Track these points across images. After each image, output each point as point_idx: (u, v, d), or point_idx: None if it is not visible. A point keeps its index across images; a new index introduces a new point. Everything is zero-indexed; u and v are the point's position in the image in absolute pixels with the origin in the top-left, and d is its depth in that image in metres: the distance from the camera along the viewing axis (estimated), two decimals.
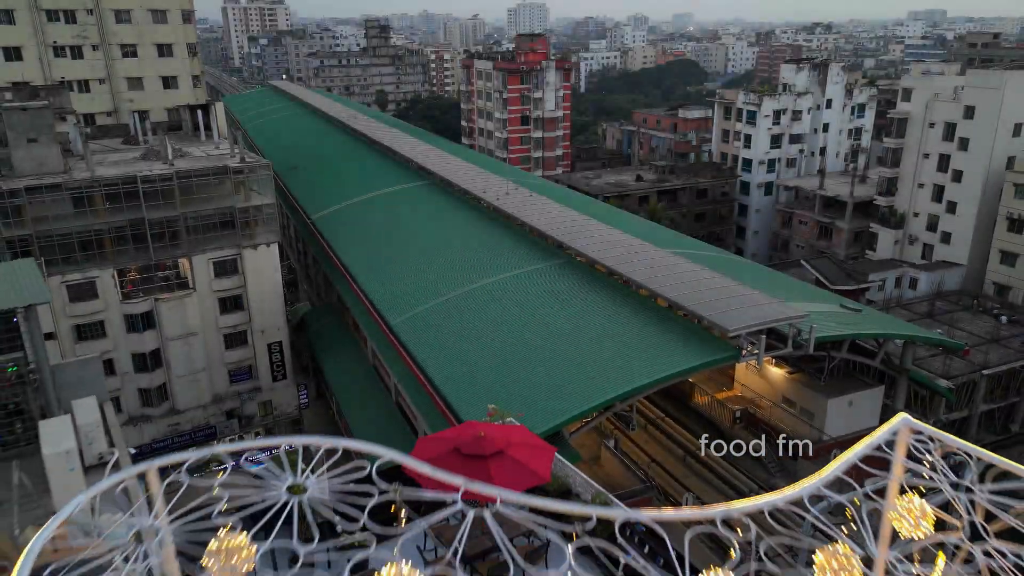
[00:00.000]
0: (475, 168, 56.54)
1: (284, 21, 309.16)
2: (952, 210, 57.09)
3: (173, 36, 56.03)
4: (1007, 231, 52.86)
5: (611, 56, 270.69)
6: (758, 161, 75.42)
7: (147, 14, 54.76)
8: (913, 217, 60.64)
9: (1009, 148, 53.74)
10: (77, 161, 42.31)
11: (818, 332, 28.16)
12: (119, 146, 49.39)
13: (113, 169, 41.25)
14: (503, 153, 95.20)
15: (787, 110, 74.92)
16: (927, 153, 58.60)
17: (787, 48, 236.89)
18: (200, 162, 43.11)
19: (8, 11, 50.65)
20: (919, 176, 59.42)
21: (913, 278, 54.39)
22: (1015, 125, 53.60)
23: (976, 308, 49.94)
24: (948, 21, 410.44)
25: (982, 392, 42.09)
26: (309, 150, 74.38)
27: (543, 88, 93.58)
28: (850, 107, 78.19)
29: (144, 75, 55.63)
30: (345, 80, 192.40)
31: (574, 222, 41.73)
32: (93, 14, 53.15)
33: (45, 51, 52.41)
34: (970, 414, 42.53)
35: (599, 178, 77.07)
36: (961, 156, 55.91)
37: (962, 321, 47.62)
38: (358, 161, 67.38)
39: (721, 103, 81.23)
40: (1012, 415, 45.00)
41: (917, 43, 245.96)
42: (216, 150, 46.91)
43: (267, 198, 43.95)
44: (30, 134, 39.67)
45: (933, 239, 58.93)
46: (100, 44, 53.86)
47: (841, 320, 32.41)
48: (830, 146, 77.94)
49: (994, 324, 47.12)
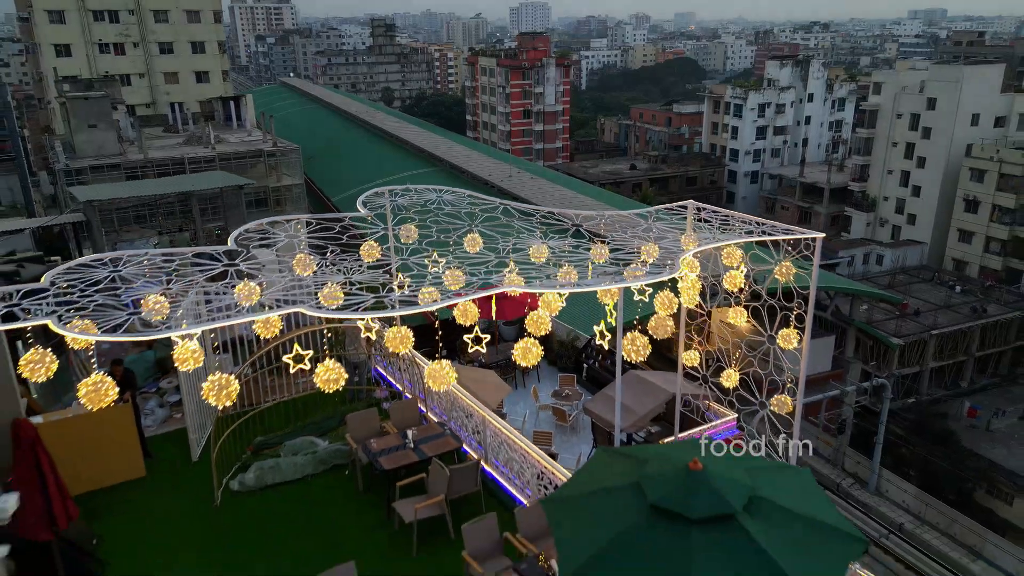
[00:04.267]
0: (481, 155, 61.91)
1: (290, 20, 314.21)
2: (917, 194, 62.37)
3: (205, 35, 61.46)
4: (964, 212, 58.14)
5: (612, 54, 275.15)
6: (744, 151, 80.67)
7: (182, 15, 60.18)
8: (883, 201, 65.92)
9: (967, 136, 58.96)
10: (128, 145, 47.71)
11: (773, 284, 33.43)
12: (161, 134, 54.84)
13: (162, 152, 46.67)
14: (506, 145, 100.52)
15: (771, 104, 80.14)
16: (895, 142, 63.86)
17: (785, 47, 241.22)
18: (237, 146, 48.54)
19: (60, 12, 56.13)
20: (888, 163, 64.69)
21: (879, 255, 59.61)
22: (972, 115, 58.83)
23: (935, 281, 55.23)
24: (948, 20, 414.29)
25: (932, 350, 47.35)
26: (324, 141, 79.74)
27: (544, 84, 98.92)
28: (831, 101, 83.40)
29: (180, 70, 61.05)
30: (352, 78, 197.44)
31: (571, 199, 47.08)
32: (134, 14, 58.60)
33: (91, 48, 57.87)
34: (921, 370, 47.77)
35: (596, 167, 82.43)
36: (925, 144, 61.17)
37: (919, 291, 52.88)
38: (371, 150, 72.76)
39: (710, 97, 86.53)
40: (961, 372, 50.25)
41: (911, 41, 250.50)
42: (249, 137, 52.32)
43: (296, 179, 49.35)
44: (91, 120, 45.09)
45: (900, 221, 64.21)
46: (140, 42, 59.29)
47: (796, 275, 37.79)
48: (812, 137, 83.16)
49: (948, 293, 52.43)
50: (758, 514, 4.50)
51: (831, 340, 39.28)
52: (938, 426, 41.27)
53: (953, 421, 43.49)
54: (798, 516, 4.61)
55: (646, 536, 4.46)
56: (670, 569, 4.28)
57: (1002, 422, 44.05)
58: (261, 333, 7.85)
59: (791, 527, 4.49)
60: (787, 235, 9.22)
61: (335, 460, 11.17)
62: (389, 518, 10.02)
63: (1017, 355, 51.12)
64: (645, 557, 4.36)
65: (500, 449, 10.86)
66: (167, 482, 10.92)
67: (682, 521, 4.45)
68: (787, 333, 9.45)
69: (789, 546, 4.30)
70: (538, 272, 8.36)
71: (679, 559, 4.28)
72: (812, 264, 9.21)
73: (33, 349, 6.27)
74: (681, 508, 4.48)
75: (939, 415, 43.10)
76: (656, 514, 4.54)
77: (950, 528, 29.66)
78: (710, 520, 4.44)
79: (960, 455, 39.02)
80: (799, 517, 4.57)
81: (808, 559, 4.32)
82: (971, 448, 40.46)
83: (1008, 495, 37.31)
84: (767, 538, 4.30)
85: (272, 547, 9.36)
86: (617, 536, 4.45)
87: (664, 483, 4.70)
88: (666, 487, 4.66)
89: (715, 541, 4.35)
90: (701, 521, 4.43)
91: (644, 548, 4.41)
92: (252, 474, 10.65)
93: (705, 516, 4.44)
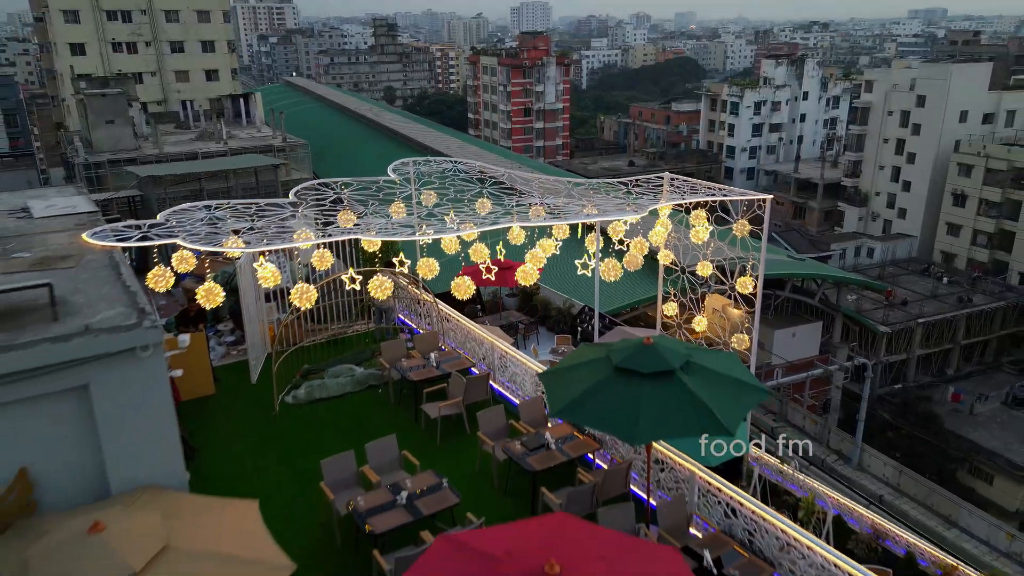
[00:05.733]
0: (482, 152, 63.67)
1: (292, 20, 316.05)
2: (907, 188, 64.11)
3: (215, 34, 63.26)
4: (952, 206, 59.88)
5: (612, 54, 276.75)
6: (740, 148, 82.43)
7: (193, 15, 61.99)
8: (875, 196, 67.66)
9: (956, 132, 60.70)
10: (143, 140, 49.48)
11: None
12: (172, 130, 56.61)
13: (176, 147, 48.43)
14: (507, 142, 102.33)
15: (767, 102, 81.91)
16: (886, 138, 65.60)
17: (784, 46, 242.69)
18: (248, 142, 50.28)
19: (75, 12, 57.95)
20: (880, 159, 66.43)
21: (870, 248, 61.36)
22: (960, 112, 60.56)
23: (924, 272, 56.98)
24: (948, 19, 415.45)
25: (918, 338, 49.08)
26: (330, 138, 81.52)
27: (544, 82, 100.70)
28: (825, 99, 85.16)
29: (190, 68, 62.85)
30: (354, 77, 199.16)
31: None
32: (147, 14, 60.40)
33: (105, 47, 59.68)
34: (908, 357, 49.51)
35: (595, 164, 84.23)
36: (914, 140, 62.91)
37: (908, 282, 54.63)
38: (375, 147, 74.54)
39: (708, 95, 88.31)
40: (947, 360, 51.99)
41: (910, 41, 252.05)
42: (259, 133, 54.09)
43: (305, 173, 51.04)
44: (108, 116, 46.87)
45: (892, 215, 65.95)
46: (152, 41, 61.10)
47: (786, 264, 39.51)
48: (807, 134, 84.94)
49: (935, 284, 54.15)
50: (690, 372, 6.31)
51: (819, 326, 41.01)
52: (922, 408, 43.00)
53: (937, 405, 45.19)
54: (720, 375, 6.39)
55: (611, 386, 6.27)
56: (626, 406, 6.06)
57: (985, 407, 45.74)
58: (318, 266, 9.73)
59: (713, 381, 6.28)
60: (741, 196, 10.93)
61: (370, 382, 13.58)
62: (416, 421, 12.25)
63: (1002, 343, 52.88)
64: (609, 399, 6.14)
65: (505, 368, 13.16)
66: (233, 398, 13.18)
67: (637, 376, 6.24)
68: (744, 280, 11.17)
69: (710, 391, 6.08)
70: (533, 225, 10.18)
71: (632, 400, 6.07)
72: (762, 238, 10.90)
73: (157, 266, 8.25)
74: (636, 366, 6.28)
75: (923, 398, 44.84)
76: (618, 372, 6.35)
77: (928, 499, 31.38)
78: (656, 375, 6.21)
79: (943, 436, 40.74)
80: (720, 375, 6.37)
81: (723, 400, 6.08)
82: (954, 431, 42.18)
83: (988, 475, 39.05)
84: (695, 386, 6.10)
85: (320, 444, 11.47)
86: (590, 387, 6.26)
87: (625, 352, 6.52)
88: (626, 354, 6.48)
89: (659, 387, 6.15)
90: (650, 375, 6.21)
91: (609, 393, 6.21)
92: (303, 391, 13.03)
93: (653, 371, 6.21)
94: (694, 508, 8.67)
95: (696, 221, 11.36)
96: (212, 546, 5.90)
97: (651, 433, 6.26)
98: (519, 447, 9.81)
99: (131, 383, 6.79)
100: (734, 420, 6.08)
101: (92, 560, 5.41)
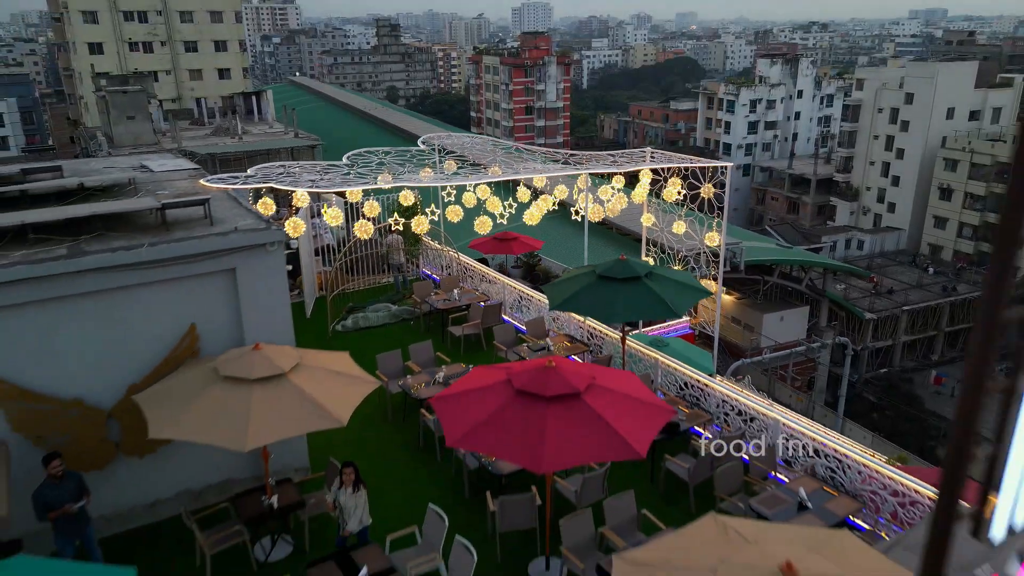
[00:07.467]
0: None
1: (295, 20, 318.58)
2: (896, 183, 66.33)
3: (227, 34, 65.57)
4: (939, 199, 62.10)
5: (613, 54, 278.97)
6: (736, 145, 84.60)
7: (206, 15, 64.29)
8: (866, 191, 69.87)
9: (943, 129, 62.92)
10: (162, 136, 51.78)
11: (747, 256, 37.45)
12: (188, 126, 58.92)
13: (193, 143, 50.70)
14: (508, 140, 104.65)
15: (763, 100, 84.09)
16: (876, 135, 67.82)
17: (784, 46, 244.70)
18: (262, 138, 52.56)
19: (93, 12, 60.29)
20: (870, 155, 68.64)
21: (860, 240, 63.62)
22: (947, 109, 62.78)
23: (911, 263, 59.22)
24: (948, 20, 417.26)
25: (903, 325, 51.29)
26: (335, 135, 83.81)
27: (545, 81, 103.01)
28: (819, 97, 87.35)
29: (203, 67, 65.16)
30: (357, 76, 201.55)
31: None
32: (162, 15, 62.71)
33: (122, 46, 62.00)
34: (894, 343, 51.73)
35: None
36: (903, 136, 65.14)
37: (895, 272, 56.85)
38: (382, 144, 76.77)
39: (705, 94, 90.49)
40: (932, 346, 54.20)
41: (908, 41, 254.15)
42: (271, 129, 56.37)
43: None
44: (128, 112, 49.07)
45: (882, 209, 68.17)
46: (167, 40, 63.40)
47: (775, 251, 41.75)
48: (801, 132, 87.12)
49: (921, 274, 56.37)
50: (653, 278, 8.63)
51: (804, 311, 43.25)
52: (904, 390, 45.25)
53: (919, 387, 47.44)
54: (674, 280, 8.70)
55: (595, 288, 8.61)
56: (606, 299, 8.37)
57: None
58: (360, 235, 12.46)
59: (668, 284, 8.67)
60: (707, 163, 13.18)
61: (403, 316, 16.98)
62: (444, 342, 15.43)
63: None
64: (594, 295, 8.47)
65: (516, 303, 16.57)
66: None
67: (614, 281, 8.57)
68: (711, 235, 13.42)
69: (664, 289, 8.41)
70: None
71: (611, 297, 8.39)
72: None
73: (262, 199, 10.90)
74: (613, 274, 8.61)
75: (906, 380, 47.07)
76: (600, 278, 8.69)
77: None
78: (627, 279, 8.54)
79: (923, 415, 42.97)
80: (675, 280, 8.69)
81: (676, 296, 8.41)
82: (935, 411, 44.41)
83: None
84: (655, 287, 8.41)
85: (366, 362, 13.99)
86: (580, 289, 8.61)
87: (605, 265, 8.85)
88: (607, 267, 8.81)
89: (630, 287, 8.47)
90: (623, 279, 8.53)
91: (593, 292, 8.56)
92: (350, 321, 16.50)
93: (625, 277, 8.54)
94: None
95: (673, 185, 13.61)
96: (328, 365, 8.72)
97: (622, 316, 8.69)
98: (526, 349, 13.12)
99: (262, 269, 9.43)
100: (682, 308, 8.50)
101: (258, 364, 8.09)
